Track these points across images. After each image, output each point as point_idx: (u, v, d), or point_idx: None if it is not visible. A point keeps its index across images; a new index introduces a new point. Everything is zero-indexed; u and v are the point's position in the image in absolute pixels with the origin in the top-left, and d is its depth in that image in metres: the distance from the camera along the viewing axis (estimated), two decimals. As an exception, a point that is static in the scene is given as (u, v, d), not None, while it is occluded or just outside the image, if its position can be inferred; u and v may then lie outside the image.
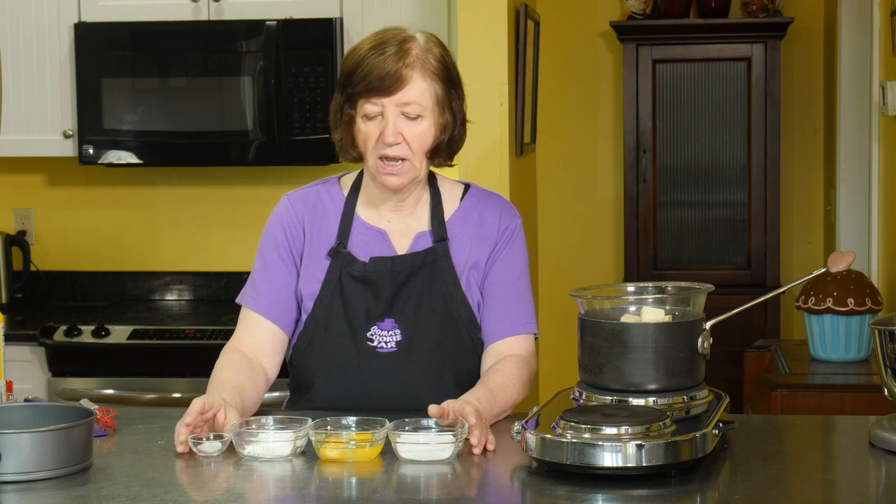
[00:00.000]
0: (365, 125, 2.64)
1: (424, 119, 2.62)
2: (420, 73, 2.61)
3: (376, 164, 2.64)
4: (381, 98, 2.60)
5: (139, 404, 4.17)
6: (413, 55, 2.61)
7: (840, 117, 5.08)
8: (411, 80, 2.60)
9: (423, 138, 2.63)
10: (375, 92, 2.60)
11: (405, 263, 2.68)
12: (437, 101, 2.63)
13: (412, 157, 2.63)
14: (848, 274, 3.64)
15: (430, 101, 2.62)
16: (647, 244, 5.61)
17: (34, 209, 4.92)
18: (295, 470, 2.28)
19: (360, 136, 2.65)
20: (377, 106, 2.61)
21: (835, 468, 2.36)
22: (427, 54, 2.63)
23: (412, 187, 2.71)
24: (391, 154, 2.62)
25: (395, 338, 2.66)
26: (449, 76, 2.66)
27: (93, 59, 4.44)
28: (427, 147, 2.64)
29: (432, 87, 2.62)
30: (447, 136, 2.67)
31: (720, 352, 2.90)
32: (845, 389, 3.48)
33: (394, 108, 2.61)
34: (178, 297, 4.88)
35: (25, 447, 2.19)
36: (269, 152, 4.39)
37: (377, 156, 2.63)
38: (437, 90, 2.63)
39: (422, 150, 2.64)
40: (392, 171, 2.63)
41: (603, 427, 2.16)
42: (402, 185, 2.66)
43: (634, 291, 2.46)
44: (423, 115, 2.62)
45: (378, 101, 2.61)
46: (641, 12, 5.58)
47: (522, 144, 4.63)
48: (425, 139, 2.63)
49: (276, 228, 2.75)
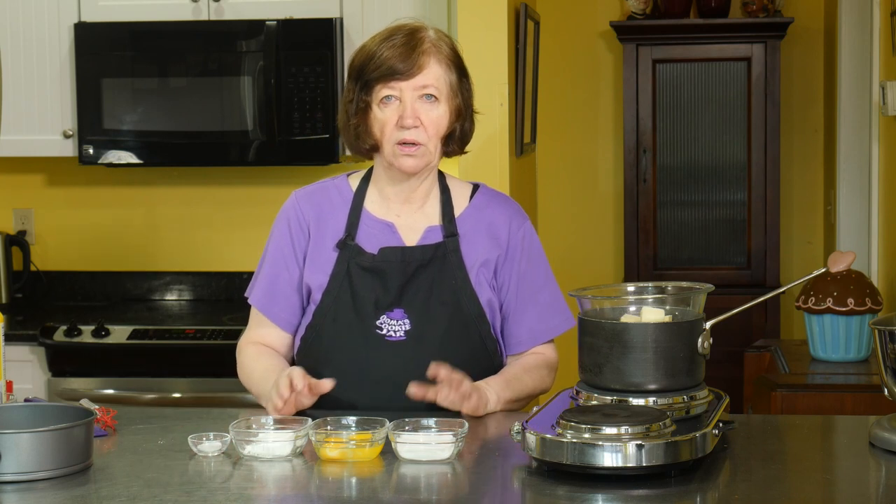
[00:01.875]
0: (381, 111, 2.67)
1: (441, 103, 2.67)
2: (436, 58, 2.67)
3: (393, 149, 2.68)
4: (400, 82, 2.65)
5: (139, 404, 4.17)
6: (428, 42, 2.67)
7: (840, 117, 5.08)
8: (428, 65, 2.65)
9: (440, 122, 2.67)
10: (394, 76, 2.64)
11: (415, 255, 2.70)
12: (451, 87, 2.68)
13: (428, 142, 2.67)
14: (848, 274, 3.64)
15: (445, 86, 2.68)
16: (647, 244, 5.61)
17: (34, 209, 4.92)
18: (295, 470, 2.28)
19: (376, 124, 2.68)
20: (395, 90, 2.65)
21: (835, 468, 2.36)
22: (440, 42, 2.69)
23: (425, 173, 2.74)
24: (409, 138, 2.66)
25: (404, 327, 2.68)
26: (460, 65, 2.72)
27: (93, 59, 4.44)
28: (443, 131, 2.69)
29: (447, 73, 2.68)
30: (461, 123, 2.72)
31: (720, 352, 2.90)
32: (845, 389, 3.48)
33: (411, 91, 2.65)
34: (178, 297, 4.88)
35: (25, 447, 2.19)
36: (269, 152, 4.39)
37: (395, 141, 2.67)
38: (450, 77, 2.68)
39: (437, 135, 2.68)
40: (409, 152, 2.67)
41: (603, 427, 2.16)
42: (417, 167, 2.69)
43: (634, 291, 2.46)
44: (440, 98, 2.67)
45: (396, 86, 2.65)
46: (641, 12, 5.58)
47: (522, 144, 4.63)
48: (441, 123, 2.68)
49: (283, 226, 2.79)
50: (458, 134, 2.73)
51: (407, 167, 2.68)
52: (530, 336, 2.77)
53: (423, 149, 2.67)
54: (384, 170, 2.74)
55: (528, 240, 2.79)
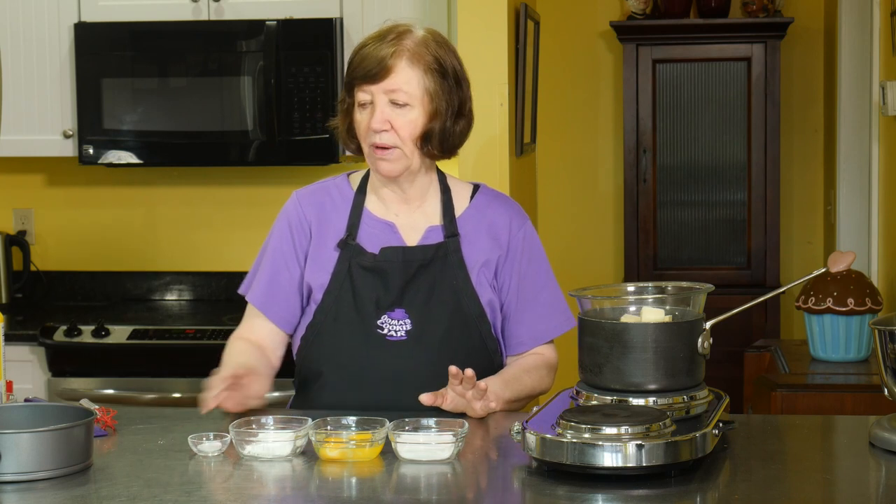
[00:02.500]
0: (359, 113, 2.69)
1: (413, 107, 2.66)
2: (408, 62, 2.64)
3: (370, 151, 2.69)
4: (371, 85, 2.65)
5: (139, 404, 4.17)
6: (404, 45, 2.65)
7: (840, 117, 5.08)
8: (398, 69, 2.64)
9: (412, 126, 2.66)
10: (366, 79, 2.65)
11: (416, 255, 2.70)
12: (425, 90, 2.65)
13: (402, 145, 2.67)
14: (848, 274, 3.64)
15: (417, 90, 2.65)
16: (647, 244, 5.61)
17: (34, 209, 4.92)
18: (295, 470, 2.28)
19: (357, 126, 2.70)
20: (367, 94, 2.66)
21: (835, 468, 2.36)
22: (421, 47, 2.66)
23: (409, 176, 2.73)
24: (380, 142, 2.66)
25: (405, 327, 2.68)
26: (445, 68, 2.67)
27: (93, 59, 4.44)
28: (416, 135, 2.67)
29: (422, 77, 2.65)
30: (437, 125, 2.67)
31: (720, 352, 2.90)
32: (845, 389, 3.48)
33: (382, 95, 2.65)
34: (178, 297, 4.88)
35: (25, 447, 2.19)
36: (269, 152, 4.39)
37: (369, 143, 2.68)
38: (426, 81, 2.65)
39: (411, 139, 2.67)
40: (382, 156, 2.67)
41: (603, 427, 2.16)
42: (394, 171, 2.69)
43: (634, 291, 2.46)
44: (411, 103, 2.65)
45: (368, 89, 2.66)
46: (641, 12, 5.58)
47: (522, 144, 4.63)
48: (414, 127, 2.66)
49: (283, 225, 2.80)
50: (436, 137, 2.69)
51: (383, 171, 2.70)
52: (531, 336, 2.77)
53: (397, 152, 2.67)
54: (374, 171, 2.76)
55: (529, 240, 2.78)
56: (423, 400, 2.54)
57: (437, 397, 2.54)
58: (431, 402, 2.54)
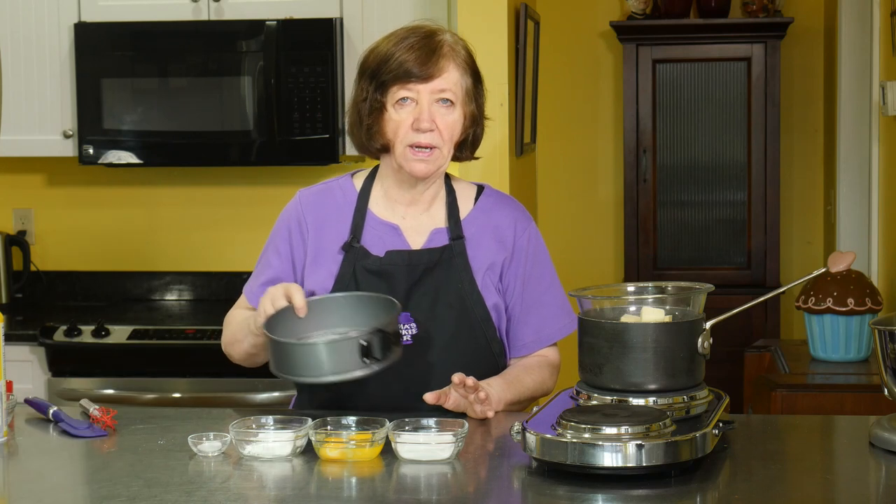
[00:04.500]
0: (397, 113, 2.65)
1: (457, 108, 2.66)
2: (454, 63, 2.65)
3: (405, 151, 2.65)
4: (418, 84, 2.63)
5: (139, 404, 4.17)
6: (447, 45, 2.65)
7: (840, 117, 5.08)
8: (447, 70, 2.64)
9: (455, 127, 2.66)
10: (411, 78, 2.62)
11: (422, 258, 2.69)
12: (466, 92, 2.67)
13: (442, 146, 2.65)
14: (848, 274, 3.64)
15: (461, 91, 2.66)
16: (647, 244, 5.61)
17: (34, 209, 4.92)
18: (295, 470, 2.28)
19: (389, 125, 2.66)
20: (412, 92, 2.63)
21: (835, 468, 2.36)
22: (457, 46, 2.68)
23: (434, 178, 2.72)
24: (424, 141, 2.64)
25: (410, 331, 2.66)
26: (476, 70, 2.71)
27: (93, 59, 4.45)
28: (457, 137, 2.68)
29: (463, 78, 2.66)
30: (474, 129, 2.71)
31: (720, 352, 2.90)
32: (845, 389, 3.48)
33: (429, 94, 2.63)
34: (178, 297, 4.88)
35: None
36: (269, 152, 4.39)
37: (407, 143, 2.65)
38: (466, 82, 2.67)
39: (452, 140, 2.67)
40: (422, 157, 2.65)
41: (603, 427, 2.15)
42: (429, 172, 2.67)
43: (634, 291, 2.46)
44: (456, 103, 2.65)
45: (414, 88, 2.63)
46: (641, 12, 5.58)
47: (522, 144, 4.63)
48: (456, 128, 2.66)
49: (283, 227, 2.78)
50: (471, 140, 2.72)
51: (418, 171, 2.66)
52: (535, 338, 2.76)
53: (436, 152, 2.65)
54: (392, 172, 2.72)
55: (534, 242, 2.77)
56: (427, 399, 2.54)
57: (440, 396, 2.54)
58: (434, 400, 2.54)
